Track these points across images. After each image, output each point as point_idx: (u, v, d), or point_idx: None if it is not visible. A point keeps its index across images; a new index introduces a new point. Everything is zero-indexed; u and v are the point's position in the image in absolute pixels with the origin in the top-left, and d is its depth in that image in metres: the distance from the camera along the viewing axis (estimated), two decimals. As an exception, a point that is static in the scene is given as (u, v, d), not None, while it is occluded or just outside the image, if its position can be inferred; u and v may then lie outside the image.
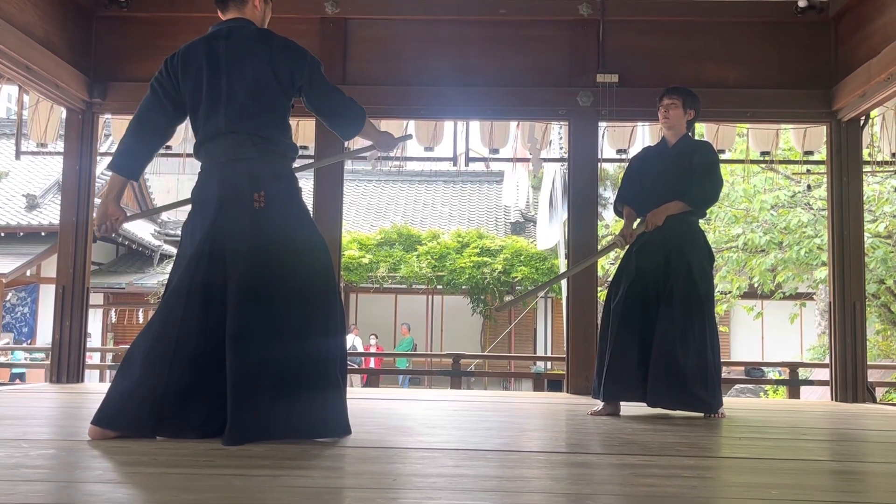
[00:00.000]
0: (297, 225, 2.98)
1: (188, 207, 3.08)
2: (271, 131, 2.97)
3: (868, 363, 5.88)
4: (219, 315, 2.81)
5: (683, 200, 4.19)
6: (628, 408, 4.29)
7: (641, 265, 4.24)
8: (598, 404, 4.27)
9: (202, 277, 2.86)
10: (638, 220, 4.37)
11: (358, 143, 3.91)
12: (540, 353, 17.94)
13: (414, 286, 17.26)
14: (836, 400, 5.72)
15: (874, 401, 6.02)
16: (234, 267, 2.83)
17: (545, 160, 6.71)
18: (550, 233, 14.23)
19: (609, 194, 18.49)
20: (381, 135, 3.30)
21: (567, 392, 5.85)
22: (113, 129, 6.74)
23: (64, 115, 6.23)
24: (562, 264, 15.05)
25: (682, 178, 4.23)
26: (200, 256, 2.88)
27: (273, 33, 3.04)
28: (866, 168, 6.66)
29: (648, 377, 4.08)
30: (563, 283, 13.82)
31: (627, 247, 4.33)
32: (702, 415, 4.13)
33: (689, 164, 4.24)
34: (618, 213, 4.52)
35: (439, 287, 17.22)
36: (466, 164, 6.98)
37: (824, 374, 7.50)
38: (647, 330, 4.14)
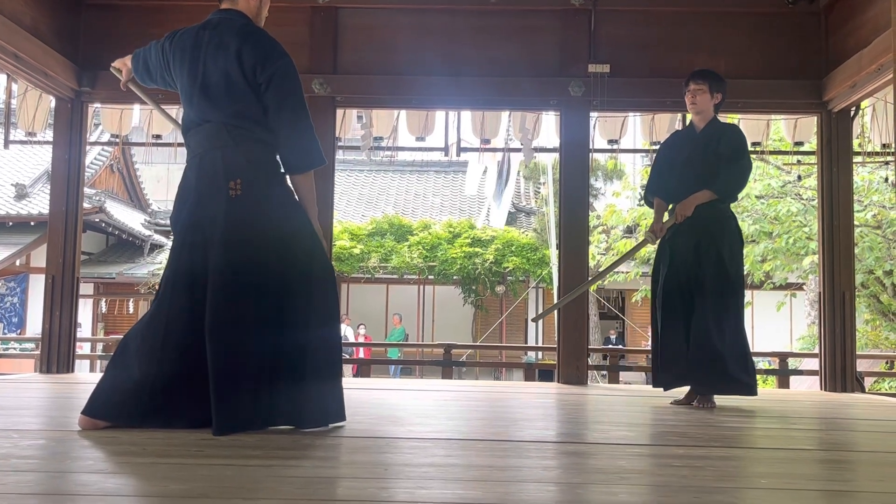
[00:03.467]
0: (278, 213, 2.93)
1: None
2: (245, 121, 2.91)
3: (857, 353, 5.92)
4: (203, 305, 2.80)
5: (711, 189, 4.19)
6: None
7: (674, 253, 4.27)
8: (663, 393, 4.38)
9: (185, 269, 2.86)
10: (669, 209, 4.40)
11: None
12: (531, 343, 17.99)
13: (405, 276, 17.27)
14: (826, 389, 5.75)
15: (863, 390, 6.05)
16: (212, 257, 2.83)
17: (537, 150, 6.69)
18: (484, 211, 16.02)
19: (600, 185, 18.51)
20: (313, 210, 3.02)
21: (558, 382, 5.87)
22: (102, 117, 6.68)
23: (53, 103, 6.19)
24: (553, 254, 15.07)
25: (709, 165, 4.22)
26: (182, 248, 2.90)
27: (259, 30, 2.98)
28: (856, 158, 6.68)
29: (691, 365, 4.13)
30: (554, 272, 13.85)
31: (659, 241, 4.37)
32: (746, 397, 4.21)
33: (716, 150, 4.24)
34: (648, 203, 4.55)
35: (431, 277, 17.23)
36: (458, 154, 6.97)
37: (814, 363, 7.54)
38: (689, 316, 4.18)
